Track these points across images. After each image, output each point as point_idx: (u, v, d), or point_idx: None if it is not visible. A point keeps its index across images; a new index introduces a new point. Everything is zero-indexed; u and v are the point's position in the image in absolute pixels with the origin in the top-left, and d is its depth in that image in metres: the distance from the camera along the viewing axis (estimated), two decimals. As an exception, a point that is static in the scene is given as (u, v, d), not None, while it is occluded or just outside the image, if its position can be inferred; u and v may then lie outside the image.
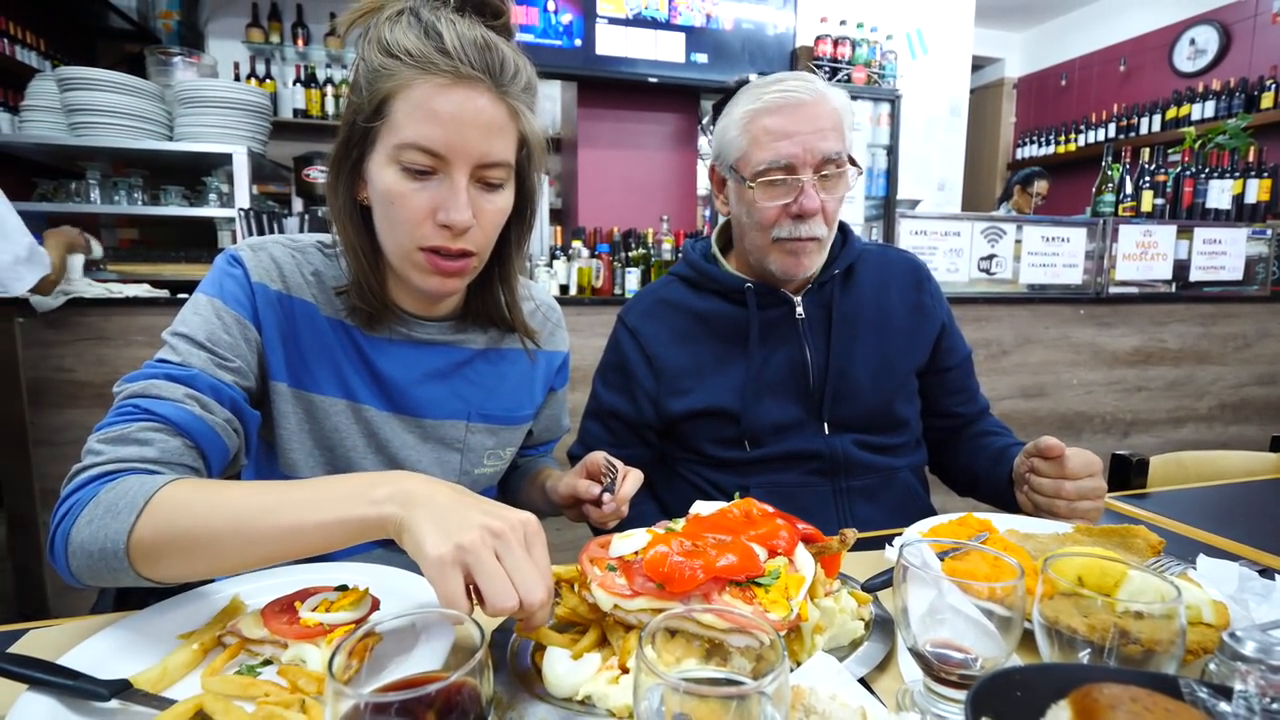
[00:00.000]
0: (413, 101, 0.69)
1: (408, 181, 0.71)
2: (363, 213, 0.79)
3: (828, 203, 0.99)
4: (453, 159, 0.71)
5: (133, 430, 0.65)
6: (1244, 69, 4.61)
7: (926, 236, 2.70)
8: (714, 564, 0.54)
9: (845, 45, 3.53)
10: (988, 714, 0.40)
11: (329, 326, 0.82)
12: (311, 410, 0.82)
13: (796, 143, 0.96)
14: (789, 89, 0.98)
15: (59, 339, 1.90)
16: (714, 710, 0.39)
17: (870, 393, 1.07)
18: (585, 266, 2.60)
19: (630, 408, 1.11)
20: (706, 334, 1.10)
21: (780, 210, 1.00)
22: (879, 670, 0.58)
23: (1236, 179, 3.06)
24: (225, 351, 0.74)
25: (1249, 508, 1.04)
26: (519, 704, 0.52)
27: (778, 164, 0.97)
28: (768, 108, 0.98)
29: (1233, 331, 3.03)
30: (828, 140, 0.97)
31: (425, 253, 0.74)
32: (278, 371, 0.80)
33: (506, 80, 0.72)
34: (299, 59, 4.27)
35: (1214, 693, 0.39)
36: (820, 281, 1.09)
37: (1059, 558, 0.54)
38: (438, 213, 0.72)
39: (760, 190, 1.00)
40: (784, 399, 1.07)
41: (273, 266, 0.80)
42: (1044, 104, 6.15)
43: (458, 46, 0.69)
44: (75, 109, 2.29)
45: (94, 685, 0.50)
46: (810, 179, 0.97)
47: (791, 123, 0.97)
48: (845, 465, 1.07)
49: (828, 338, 1.07)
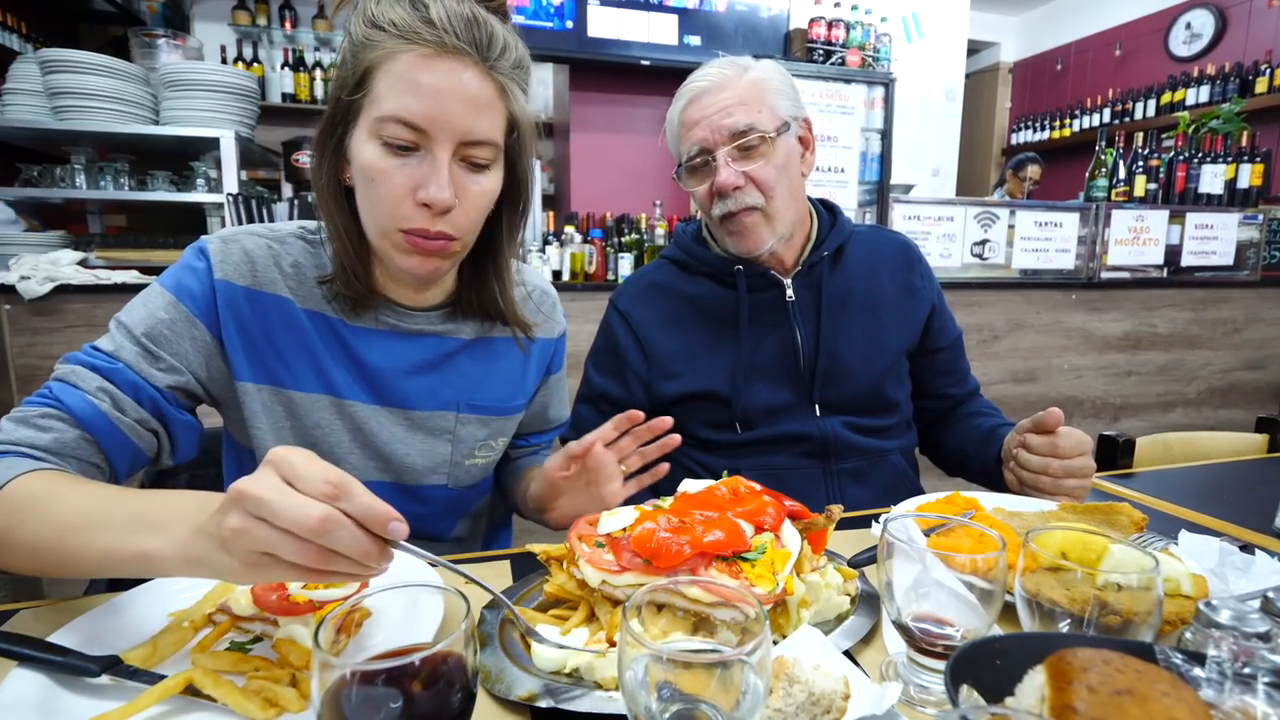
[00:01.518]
0: (395, 73, 0.68)
1: (389, 158, 0.69)
2: (347, 194, 0.76)
3: (754, 172, 1.00)
4: (435, 133, 0.69)
5: (35, 414, 0.66)
6: (1239, 54, 4.60)
7: (920, 221, 2.70)
8: (700, 540, 0.54)
9: (839, 28, 3.50)
10: (967, 681, 0.40)
11: (307, 320, 0.79)
12: (291, 408, 0.80)
13: (704, 127, 1.01)
14: (698, 79, 1.04)
15: (47, 326, 1.89)
16: (698, 679, 0.40)
17: (861, 374, 1.08)
18: (578, 252, 2.59)
19: (622, 391, 1.11)
20: (697, 317, 1.10)
21: (708, 191, 1.04)
22: (863, 643, 0.59)
23: (1229, 164, 3.06)
24: (161, 349, 0.72)
25: (1232, 487, 1.06)
26: (506, 678, 0.52)
27: (694, 151, 1.03)
28: (684, 103, 1.05)
29: (1222, 316, 3.05)
30: (733, 116, 1.00)
31: (405, 233, 0.72)
32: (244, 371, 0.78)
33: (494, 55, 0.70)
34: (287, 42, 4.21)
35: (1188, 658, 0.40)
36: (810, 264, 1.09)
37: (1041, 532, 0.54)
38: (418, 190, 0.70)
39: (689, 178, 1.06)
40: (775, 382, 1.08)
41: (243, 260, 0.77)
42: (1039, 89, 6.12)
43: (444, 18, 0.68)
44: (58, 92, 2.25)
45: (83, 661, 0.50)
46: (724, 156, 1.00)
47: (698, 110, 1.02)
48: (835, 448, 1.07)
49: (818, 320, 1.08)
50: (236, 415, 0.81)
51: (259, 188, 3.07)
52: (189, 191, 2.53)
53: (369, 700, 0.36)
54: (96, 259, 2.17)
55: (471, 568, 0.75)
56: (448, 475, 0.89)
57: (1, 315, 1.85)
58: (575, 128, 3.48)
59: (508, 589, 0.69)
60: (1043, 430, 0.90)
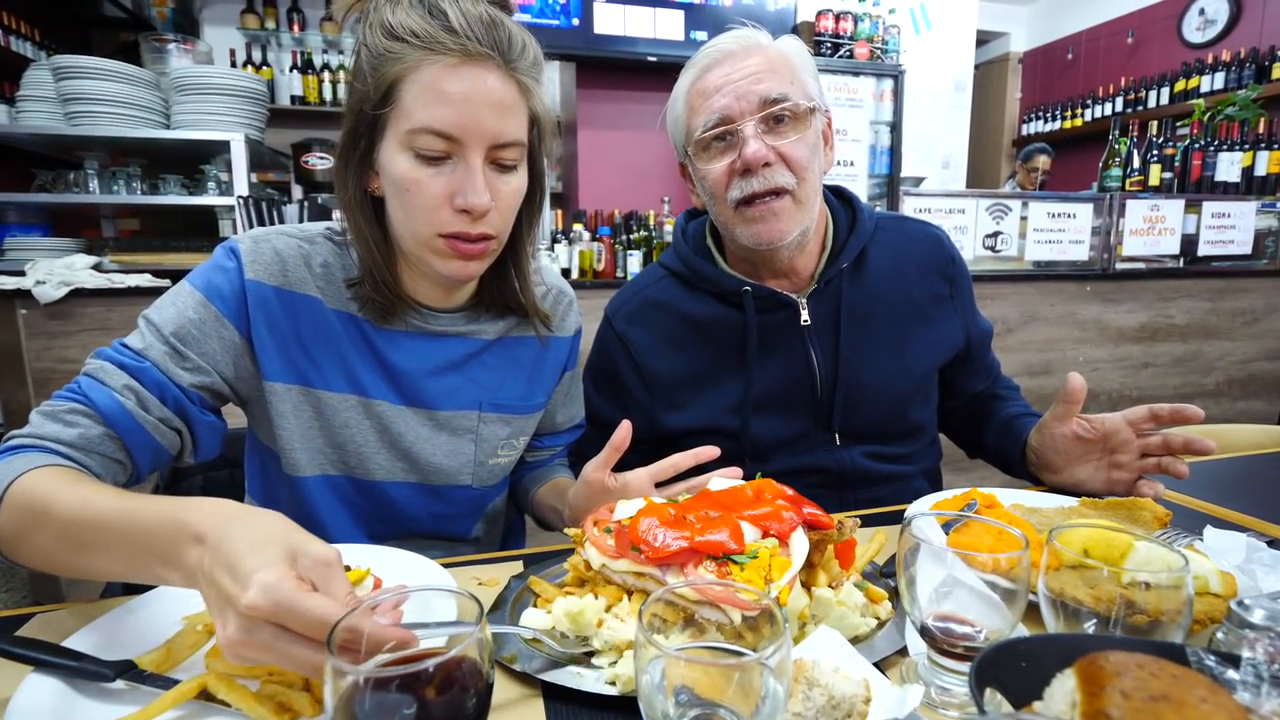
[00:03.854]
0: (422, 84, 0.68)
1: (422, 167, 0.70)
2: (373, 203, 0.77)
3: (785, 148, 0.87)
4: (467, 141, 0.69)
5: (63, 410, 0.67)
6: (1254, 39, 4.51)
7: (931, 214, 2.67)
8: (693, 537, 0.54)
9: (847, 20, 3.47)
10: (992, 685, 0.39)
11: (336, 320, 0.80)
12: (319, 407, 0.81)
13: (727, 93, 0.87)
14: (717, 45, 0.91)
15: (63, 329, 1.91)
16: (716, 683, 0.39)
17: (884, 399, 0.99)
18: (586, 250, 2.58)
19: (622, 418, 1.05)
20: (700, 341, 1.00)
21: (727, 170, 0.89)
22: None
23: (1246, 151, 3.01)
24: (188, 349, 0.73)
25: (1256, 480, 1.03)
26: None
27: (712, 121, 0.88)
28: (698, 71, 0.92)
29: (1241, 306, 3.00)
30: (764, 83, 0.87)
31: (445, 238, 0.72)
32: (274, 371, 0.78)
33: (515, 56, 0.71)
34: (295, 45, 4.22)
35: (1221, 660, 0.39)
36: (826, 279, 0.98)
37: (1064, 529, 0.53)
38: (455, 197, 0.70)
39: (703, 155, 0.91)
40: (789, 412, 0.98)
41: (274, 260, 0.77)
42: (1050, 79, 6.04)
43: (464, 24, 0.68)
44: (71, 98, 2.27)
45: (99, 666, 0.50)
46: (752, 127, 0.87)
47: (719, 75, 0.88)
48: (855, 478, 0.99)
49: (836, 341, 0.97)
50: (263, 415, 0.81)
51: (269, 190, 3.09)
52: (200, 195, 2.56)
53: (382, 706, 0.36)
54: (110, 263, 2.19)
55: (485, 568, 0.75)
56: (472, 475, 0.89)
57: (18, 319, 1.87)
58: (582, 125, 3.47)
59: (536, 564, 0.73)
60: (1070, 401, 0.85)
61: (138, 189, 2.52)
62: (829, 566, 0.61)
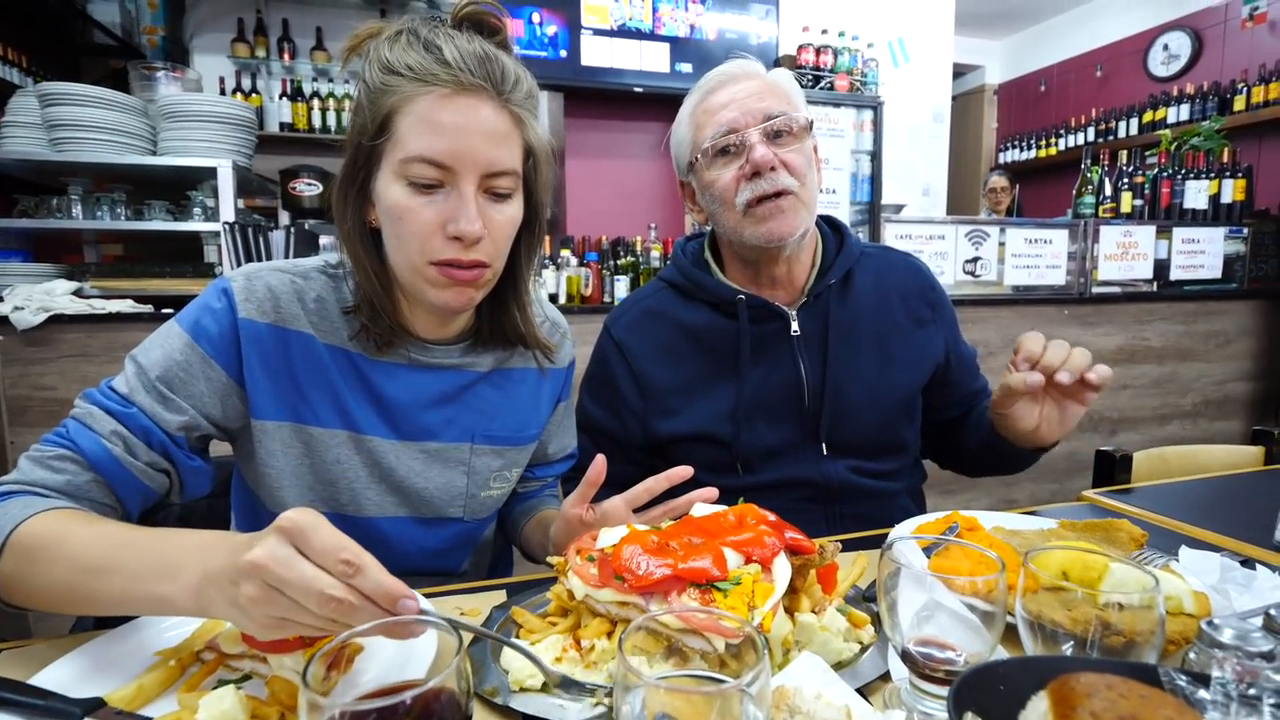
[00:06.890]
0: (416, 114, 0.69)
1: (415, 196, 0.71)
2: (373, 235, 0.78)
3: (786, 157, 0.96)
4: (459, 169, 0.70)
5: (50, 456, 0.67)
6: (1216, 73, 4.71)
7: (911, 241, 2.73)
8: (676, 564, 0.54)
9: (827, 54, 3.57)
10: (970, 708, 0.40)
11: (329, 356, 0.80)
12: (310, 444, 0.80)
13: (734, 108, 0.97)
14: (720, 71, 1.01)
15: (40, 356, 1.88)
16: (697, 710, 0.39)
17: (869, 411, 1.03)
18: (574, 275, 2.60)
19: (617, 426, 1.07)
20: (696, 349, 1.05)
21: (736, 176, 0.97)
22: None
23: (1212, 179, 3.11)
24: (175, 393, 0.73)
25: (1231, 500, 1.05)
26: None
27: (720, 131, 0.97)
28: (704, 93, 1.01)
29: (1214, 329, 3.07)
30: (766, 101, 0.97)
31: (438, 266, 0.73)
32: (265, 408, 0.78)
33: (508, 88, 0.72)
34: (285, 73, 4.26)
35: (1192, 680, 0.40)
36: (816, 293, 1.04)
37: (1041, 551, 0.54)
38: (447, 225, 0.71)
39: (712, 164, 0.99)
40: (778, 421, 1.02)
41: (267, 297, 0.77)
42: (1024, 109, 6.24)
43: (458, 58, 0.69)
44: (56, 124, 2.27)
45: (66, 704, 0.49)
46: (757, 136, 0.95)
47: (725, 94, 0.98)
48: (840, 492, 1.02)
49: (824, 353, 1.02)
50: (249, 452, 0.81)
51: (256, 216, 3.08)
52: (185, 220, 2.55)
53: (359, 740, 0.35)
54: (91, 288, 2.17)
55: (469, 598, 0.74)
56: (464, 507, 0.88)
57: (-6, 346, 1.84)
58: (570, 153, 3.52)
59: (519, 593, 0.72)
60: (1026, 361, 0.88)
61: (122, 214, 2.51)
62: (812, 591, 0.62)
